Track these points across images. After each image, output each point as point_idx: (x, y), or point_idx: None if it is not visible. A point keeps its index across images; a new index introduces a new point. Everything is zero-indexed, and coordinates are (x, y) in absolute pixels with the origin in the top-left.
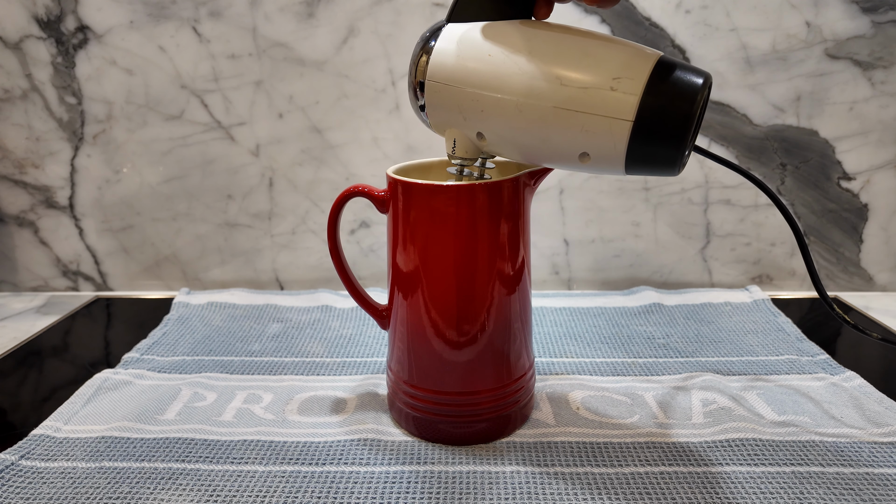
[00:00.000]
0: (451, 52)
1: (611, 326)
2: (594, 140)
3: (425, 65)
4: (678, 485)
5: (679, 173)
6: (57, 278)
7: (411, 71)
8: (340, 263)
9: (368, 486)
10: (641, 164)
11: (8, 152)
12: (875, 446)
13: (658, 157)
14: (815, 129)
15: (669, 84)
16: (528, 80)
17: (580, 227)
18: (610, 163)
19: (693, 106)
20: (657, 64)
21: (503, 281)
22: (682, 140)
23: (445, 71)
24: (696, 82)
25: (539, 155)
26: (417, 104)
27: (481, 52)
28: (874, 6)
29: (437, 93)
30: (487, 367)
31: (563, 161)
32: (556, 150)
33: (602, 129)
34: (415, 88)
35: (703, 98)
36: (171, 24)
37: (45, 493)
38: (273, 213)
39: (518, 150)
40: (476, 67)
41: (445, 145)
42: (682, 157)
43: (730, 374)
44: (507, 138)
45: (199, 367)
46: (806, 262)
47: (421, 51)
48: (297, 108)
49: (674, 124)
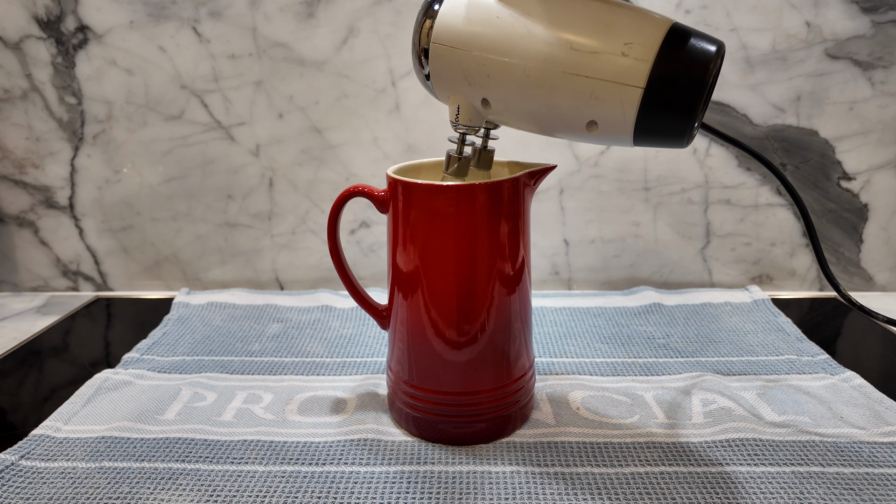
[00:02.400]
0: (458, 15)
1: (611, 326)
2: (603, 107)
3: (430, 29)
4: (678, 485)
5: (687, 145)
6: (57, 278)
7: (415, 37)
8: (340, 263)
9: (368, 486)
10: (650, 134)
11: (8, 152)
12: (875, 446)
13: (668, 126)
14: (815, 129)
15: (682, 51)
16: (536, 44)
17: (580, 227)
18: (618, 132)
19: (706, 74)
20: (670, 30)
21: (503, 281)
22: (693, 109)
23: (452, 34)
24: (710, 50)
25: (545, 123)
26: (423, 73)
27: (489, 14)
28: (874, 6)
29: (442, 56)
30: (487, 367)
31: (570, 130)
32: (563, 118)
33: (611, 95)
34: (419, 56)
35: (716, 67)
36: (171, 24)
37: (45, 493)
38: (273, 213)
39: (524, 117)
40: (483, 31)
41: (449, 112)
42: (691, 128)
43: (730, 374)
44: (513, 105)
45: (199, 368)
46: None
47: (424, 16)
48: (297, 108)
49: (685, 92)
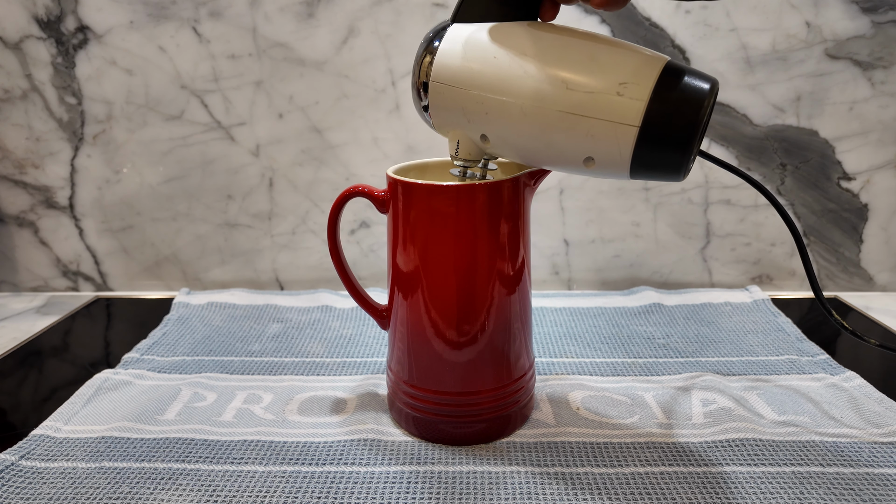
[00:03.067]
0: (456, 54)
1: (611, 326)
2: (599, 145)
3: (429, 66)
4: (678, 485)
5: (684, 179)
6: (57, 278)
7: (415, 71)
8: (340, 263)
9: (368, 486)
10: (646, 170)
11: (8, 152)
12: (875, 446)
13: (663, 162)
14: (815, 129)
15: (676, 90)
16: (533, 84)
17: (580, 227)
18: (615, 168)
19: (700, 112)
20: (664, 69)
21: (503, 281)
22: (688, 146)
23: (450, 72)
24: (704, 88)
25: (543, 159)
26: (421, 104)
27: (486, 54)
28: (874, 6)
29: (441, 94)
30: (487, 368)
31: (568, 165)
32: (560, 155)
33: (608, 134)
34: (418, 89)
35: (710, 104)
36: (171, 24)
37: (45, 493)
38: (273, 214)
39: (522, 153)
40: (481, 70)
41: (448, 146)
42: (687, 163)
43: (730, 375)
44: (510, 141)
45: (199, 368)
46: (805, 268)
47: (425, 51)
48: (297, 108)
49: (680, 130)
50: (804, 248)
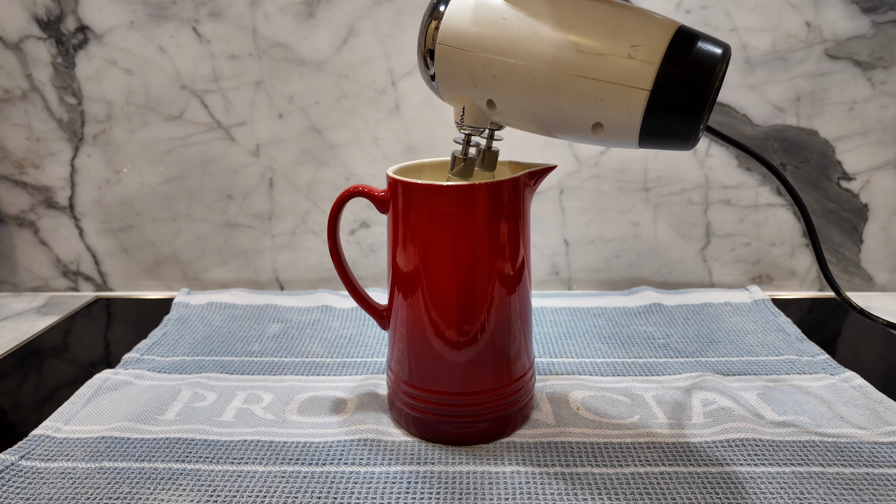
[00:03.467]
0: (464, 16)
1: (611, 326)
2: (609, 109)
3: (435, 30)
4: (678, 485)
5: (692, 148)
6: (57, 278)
7: (420, 41)
8: (340, 263)
9: (368, 486)
10: (655, 137)
11: (8, 152)
12: (875, 446)
13: (673, 129)
14: (815, 130)
15: (688, 54)
16: (543, 46)
17: (580, 227)
18: (624, 134)
19: (712, 77)
20: (676, 33)
21: (503, 281)
22: (699, 112)
23: (457, 34)
24: (716, 53)
25: (551, 124)
26: (428, 74)
27: (495, 15)
28: (874, 6)
29: (448, 57)
30: (487, 368)
31: (576, 131)
32: (568, 120)
33: (617, 97)
34: (425, 57)
35: (722, 69)
36: (171, 24)
37: (45, 494)
38: (273, 214)
39: (529, 119)
40: (489, 32)
41: (454, 113)
42: (697, 131)
43: (730, 374)
44: (518, 107)
45: (199, 368)
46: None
47: (430, 17)
48: (297, 109)
49: (691, 95)
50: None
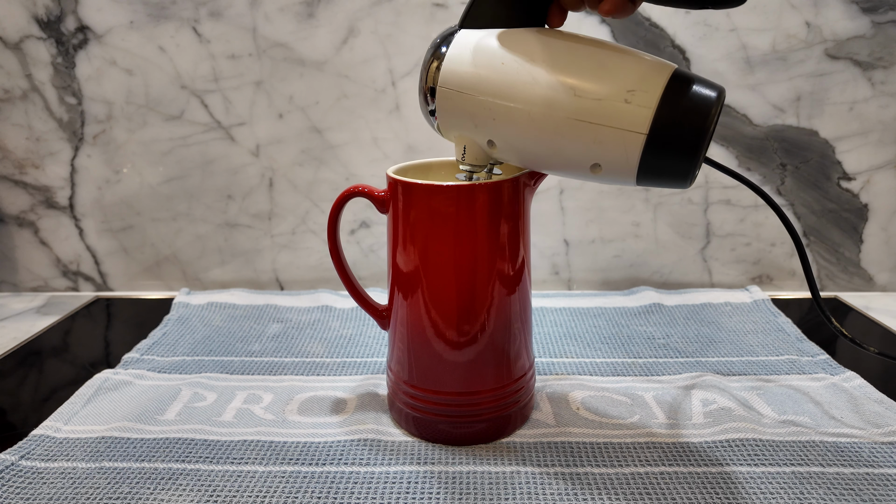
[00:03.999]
0: (464, 60)
1: (611, 326)
2: (606, 151)
3: (436, 71)
4: (678, 485)
5: (690, 186)
6: (57, 278)
7: (422, 77)
8: (340, 263)
9: (368, 486)
10: (653, 177)
11: (8, 152)
12: (875, 446)
13: (670, 169)
14: (815, 130)
15: (684, 98)
16: (541, 90)
17: (580, 227)
18: (621, 174)
19: (707, 120)
20: (672, 77)
21: (503, 281)
22: (695, 154)
23: (458, 78)
24: (711, 96)
25: (550, 164)
26: (428, 109)
27: (494, 60)
28: (874, 6)
29: (449, 99)
30: (487, 368)
31: (575, 171)
32: (567, 161)
33: (615, 141)
34: (425, 94)
35: (717, 112)
36: (171, 24)
37: (45, 494)
38: (273, 214)
39: (529, 159)
40: (489, 76)
41: (455, 151)
42: (694, 171)
43: (730, 375)
44: (518, 147)
45: (199, 368)
46: (805, 273)
47: (432, 57)
48: (297, 108)
49: (687, 138)
50: (804, 253)
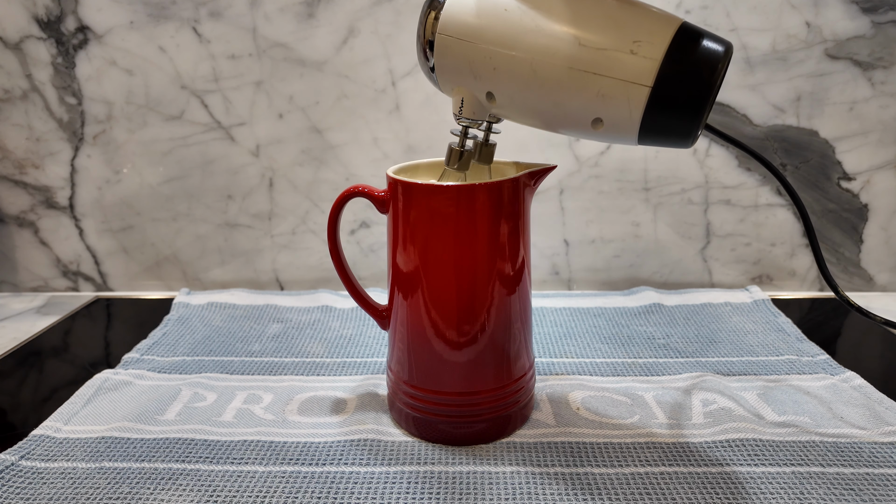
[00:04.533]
0: (465, 6)
1: (611, 326)
2: (609, 105)
3: (434, 20)
4: (678, 485)
5: (692, 146)
6: (57, 278)
7: (420, 32)
8: (340, 263)
9: (368, 486)
10: (655, 133)
11: (8, 152)
12: (875, 446)
13: (673, 126)
14: (815, 130)
15: (691, 51)
16: (544, 39)
17: (580, 227)
18: (623, 130)
19: (713, 75)
20: (679, 29)
21: (503, 281)
22: (700, 110)
23: (457, 25)
24: (718, 50)
25: (550, 119)
26: (427, 65)
27: (497, 6)
28: (874, 6)
29: (448, 48)
30: (487, 368)
31: (575, 127)
32: (568, 115)
33: (618, 93)
34: (424, 49)
35: (724, 67)
36: (171, 24)
37: (45, 494)
38: (273, 214)
39: (529, 112)
40: (490, 23)
41: (452, 105)
42: (697, 128)
43: (730, 375)
44: (518, 100)
45: (199, 368)
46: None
47: (429, 7)
48: (297, 109)
49: (693, 93)
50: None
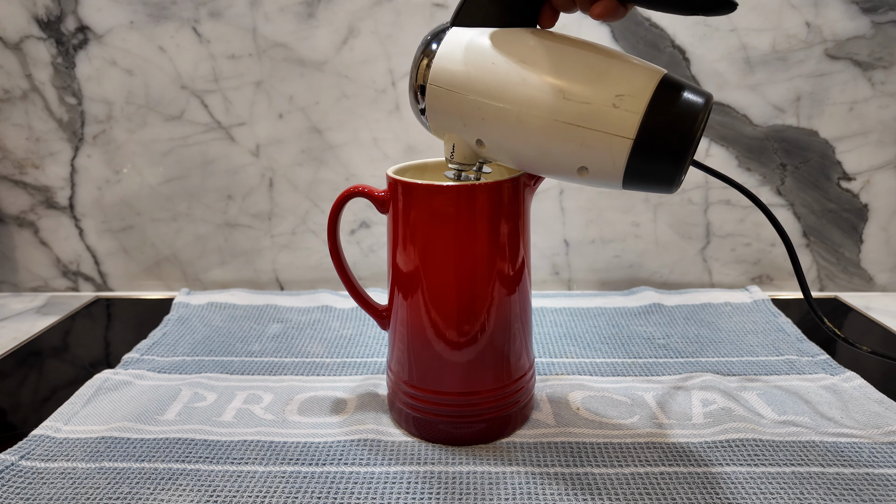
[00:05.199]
0: (455, 58)
1: (611, 327)
2: (593, 155)
3: (426, 69)
4: (678, 485)
5: (675, 191)
6: (57, 278)
7: (412, 74)
8: (340, 263)
9: (368, 486)
10: (639, 181)
11: (8, 152)
12: (875, 446)
13: (656, 174)
14: (815, 130)
15: (671, 104)
16: (530, 92)
17: (580, 227)
18: (608, 177)
19: (694, 127)
20: (660, 83)
21: (503, 281)
22: (682, 159)
23: (448, 76)
24: (698, 103)
25: (537, 166)
26: (418, 107)
27: (485, 59)
28: (874, 6)
29: (438, 97)
30: (487, 368)
31: (561, 173)
32: (554, 163)
33: (602, 144)
34: (416, 91)
35: (704, 119)
36: (171, 24)
37: (45, 494)
38: (273, 214)
39: (516, 159)
40: (479, 75)
41: (444, 149)
42: (679, 176)
43: (730, 375)
44: (506, 147)
45: (199, 368)
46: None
47: (422, 54)
48: (297, 109)
49: (674, 144)
50: (796, 257)
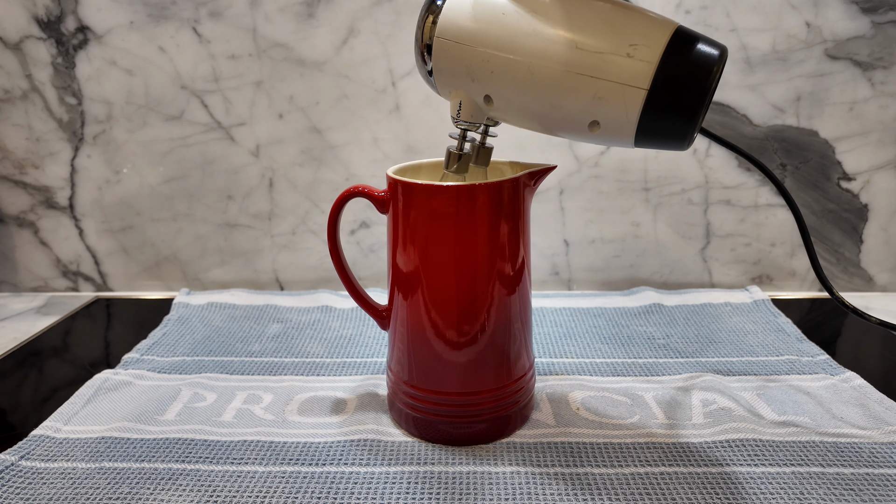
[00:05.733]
0: (463, 10)
1: (611, 327)
2: (606, 108)
3: (432, 24)
4: (678, 485)
5: (687, 147)
6: (57, 279)
7: (417, 35)
8: (340, 264)
9: (368, 486)
10: (652, 136)
11: (8, 153)
12: (875, 446)
13: (669, 128)
14: (815, 130)
15: (686, 54)
16: (541, 42)
17: (580, 227)
18: (620, 133)
19: (709, 78)
20: (675, 33)
21: (503, 281)
22: (696, 112)
23: (455, 28)
24: (713, 54)
25: (547, 122)
26: (425, 69)
27: (494, 10)
28: (874, 6)
29: (446, 51)
30: (487, 368)
31: (572, 129)
32: (565, 118)
33: (615, 96)
34: (422, 52)
35: (719, 70)
36: (171, 24)
37: (45, 494)
38: (273, 214)
39: (526, 115)
40: (488, 26)
41: (451, 108)
42: (693, 131)
43: (730, 375)
44: (515, 103)
45: (199, 368)
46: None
47: (427, 11)
48: (297, 109)
49: (689, 95)
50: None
